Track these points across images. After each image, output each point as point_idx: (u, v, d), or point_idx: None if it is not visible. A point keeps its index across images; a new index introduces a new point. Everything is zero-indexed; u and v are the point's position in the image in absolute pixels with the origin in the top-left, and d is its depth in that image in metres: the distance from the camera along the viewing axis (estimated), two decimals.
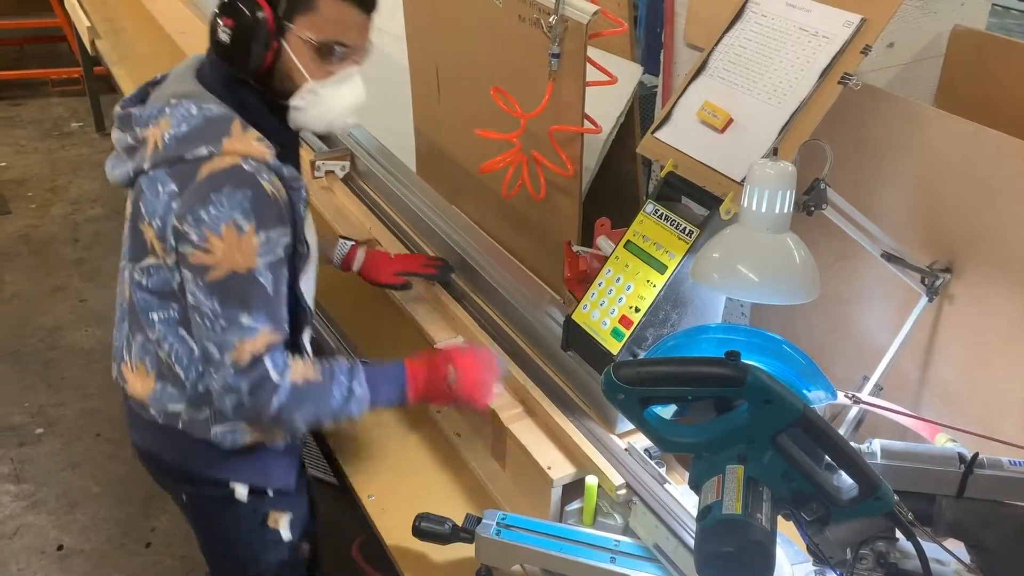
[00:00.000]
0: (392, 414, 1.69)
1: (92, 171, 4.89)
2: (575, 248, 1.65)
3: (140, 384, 1.44)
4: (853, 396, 1.33)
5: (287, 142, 1.41)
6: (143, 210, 1.33)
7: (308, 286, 1.47)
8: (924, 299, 1.46)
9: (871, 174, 1.53)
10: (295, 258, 1.37)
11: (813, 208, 1.25)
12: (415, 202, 2.08)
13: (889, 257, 1.39)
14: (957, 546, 1.11)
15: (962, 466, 1.10)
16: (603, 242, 1.63)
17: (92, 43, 3.85)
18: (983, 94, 1.73)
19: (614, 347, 1.39)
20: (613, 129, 2.05)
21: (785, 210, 1.17)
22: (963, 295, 1.45)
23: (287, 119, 1.38)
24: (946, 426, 1.26)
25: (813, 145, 1.28)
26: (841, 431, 1.51)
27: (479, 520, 1.35)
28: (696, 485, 1.08)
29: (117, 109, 1.41)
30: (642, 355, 1.40)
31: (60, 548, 2.62)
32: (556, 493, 1.39)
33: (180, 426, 1.43)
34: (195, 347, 1.36)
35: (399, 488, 1.57)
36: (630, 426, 1.43)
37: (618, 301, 1.42)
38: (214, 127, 1.29)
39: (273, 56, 1.30)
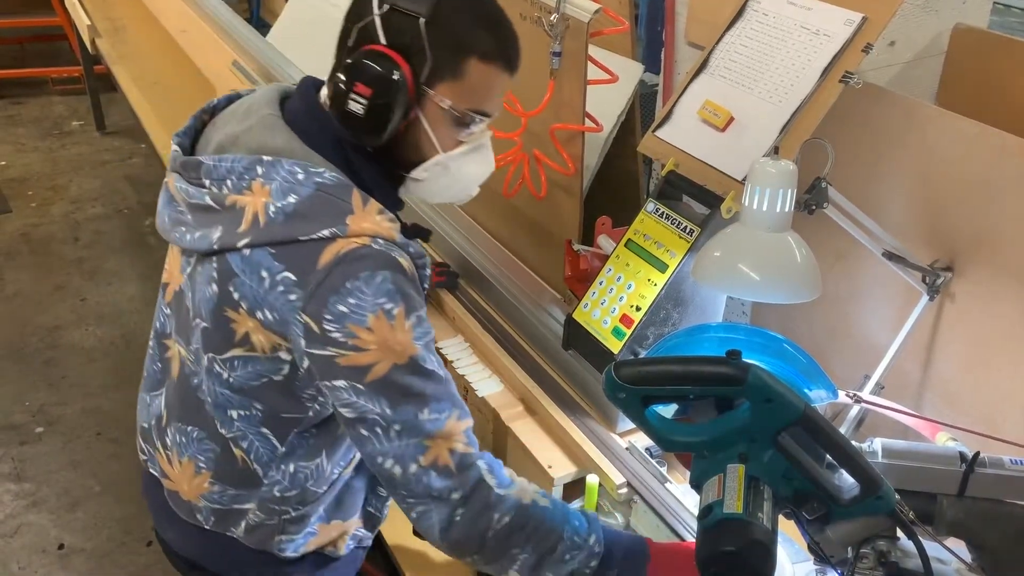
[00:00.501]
0: None
1: (93, 170, 4.89)
2: (576, 247, 1.65)
3: (188, 483, 1.24)
4: (855, 395, 1.32)
5: (395, 210, 1.17)
6: (235, 296, 1.09)
7: None
8: (925, 298, 1.46)
9: (872, 172, 1.53)
10: None
11: (814, 207, 1.25)
12: (414, 200, 2.08)
13: (890, 256, 1.39)
14: (958, 545, 1.11)
15: (963, 465, 1.10)
16: (604, 241, 1.63)
17: (92, 42, 3.85)
18: (984, 93, 1.73)
19: (615, 346, 1.39)
20: (614, 127, 2.05)
21: (786, 209, 1.17)
22: (964, 294, 1.45)
23: (399, 188, 1.19)
24: (947, 425, 1.25)
25: (814, 144, 1.28)
26: (842, 430, 1.51)
27: None
28: (697, 484, 1.07)
29: (175, 148, 1.16)
30: (643, 354, 1.40)
31: (61, 547, 2.62)
32: (557, 492, 1.39)
33: (234, 533, 1.24)
34: (279, 445, 1.18)
35: None
36: (631, 425, 1.43)
37: (619, 300, 1.42)
38: (332, 202, 1.06)
39: (405, 125, 1.10)
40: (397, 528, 1.46)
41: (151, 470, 1.32)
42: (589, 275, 1.65)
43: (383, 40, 1.06)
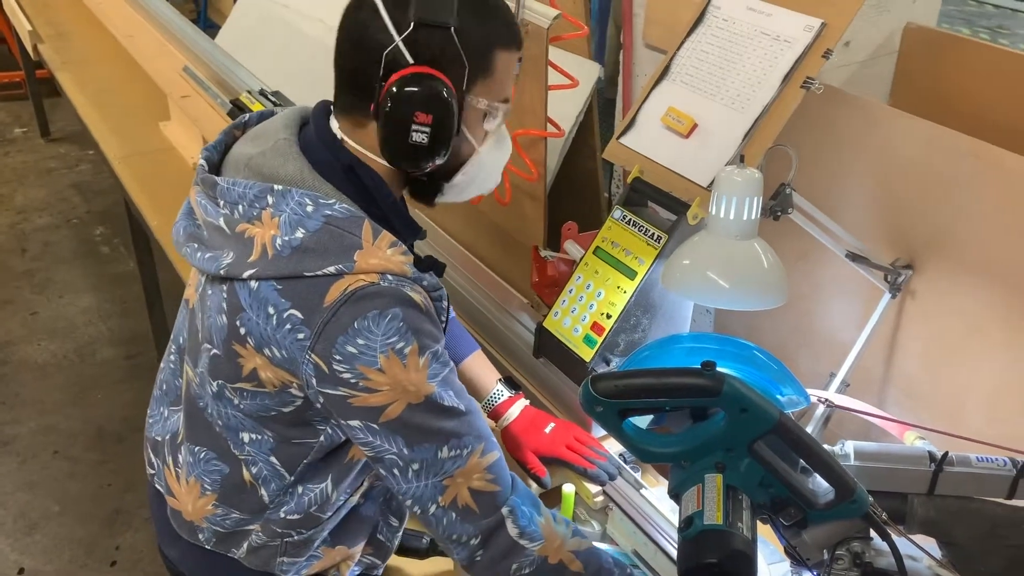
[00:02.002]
0: None
1: (38, 178, 4.76)
2: (543, 253, 1.65)
3: (192, 503, 1.21)
4: (827, 401, 1.34)
5: (413, 236, 1.16)
6: (242, 331, 1.06)
7: None
8: (887, 296, 1.49)
9: (833, 174, 1.55)
10: None
11: (780, 213, 1.26)
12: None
13: (854, 257, 1.41)
14: (929, 542, 1.13)
15: (932, 465, 1.13)
16: (570, 246, 1.63)
17: (35, 47, 3.74)
18: (936, 91, 1.77)
19: (587, 354, 1.40)
20: (573, 128, 2.05)
21: (753, 216, 1.18)
22: (925, 291, 1.48)
23: (436, 197, 1.16)
24: (916, 426, 1.28)
25: (778, 150, 1.30)
26: (809, 429, 1.53)
27: None
28: (676, 494, 1.08)
29: (201, 162, 1.13)
30: (615, 361, 1.40)
31: (21, 572, 2.55)
32: None
33: (235, 554, 1.22)
34: (287, 474, 1.15)
35: None
36: (603, 432, 1.43)
37: (589, 308, 1.42)
38: (340, 236, 1.02)
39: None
40: None
41: (157, 484, 1.29)
42: (556, 281, 1.66)
43: (412, 61, 1.02)
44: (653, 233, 1.38)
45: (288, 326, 1.02)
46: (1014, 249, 1.33)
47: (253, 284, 1.04)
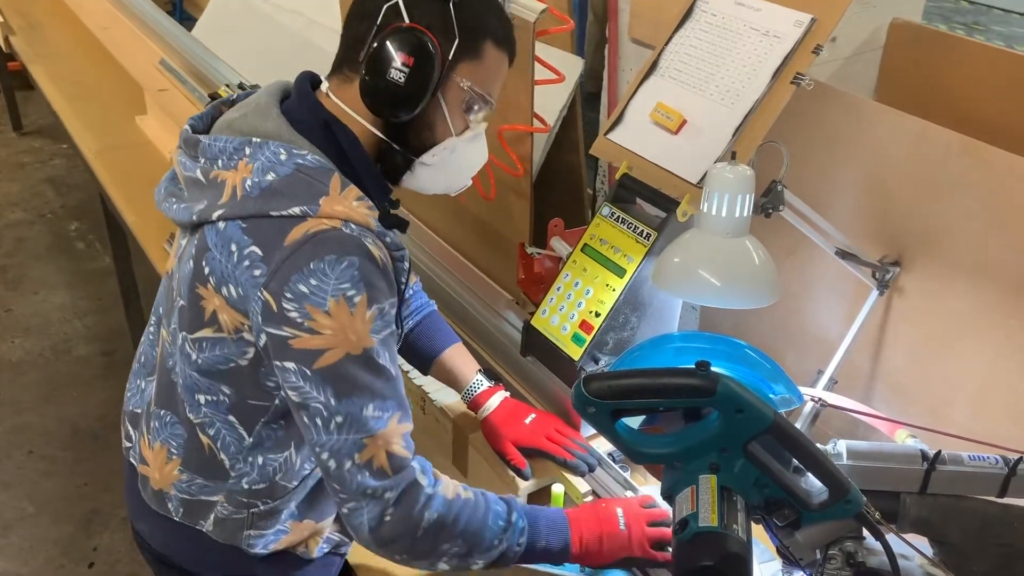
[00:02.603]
0: None
1: (10, 173, 4.68)
2: (529, 249, 1.63)
3: (160, 469, 1.23)
4: (819, 400, 1.34)
5: (384, 202, 1.18)
6: (206, 271, 1.09)
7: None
8: (875, 293, 1.48)
9: (820, 171, 1.54)
10: None
11: (771, 210, 1.25)
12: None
13: (843, 254, 1.40)
14: (921, 541, 1.13)
15: (925, 463, 1.13)
16: (557, 243, 1.61)
17: (6, 39, 3.67)
18: (921, 87, 1.77)
19: (575, 353, 1.38)
20: (556, 122, 2.03)
21: (745, 214, 1.17)
22: (912, 288, 1.48)
23: (404, 176, 1.19)
24: (909, 424, 1.28)
25: (768, 146, 1.29)
26: (797, 425, 1.53)
27: None
28: (670, 496, 1.07)
29: (185, 127, 1.18)
30: (604, 359, 1.39)
31: None
32: (521, 502, 1.37)
33: (202, 527, 1.23)
34: (245, 435, 1.17)
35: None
36: (592, 431, 1.42)
37: (577, 306, 1.40)
38: (308, 182, 1.06)
39: (428, 103, 1.12)
40: (357, 546, 1.43)
41: (131, 458, 1.30)
42: (543, 278, 1.64)
43: (407, 20, 1.08)
44: (642, 230, 1.37)
45: (247, 263, 1.05)
46: (1002, 246, 1.33)
47: (221, 225, 1.08)
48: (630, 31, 1.99)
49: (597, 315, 1.37)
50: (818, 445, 1.18)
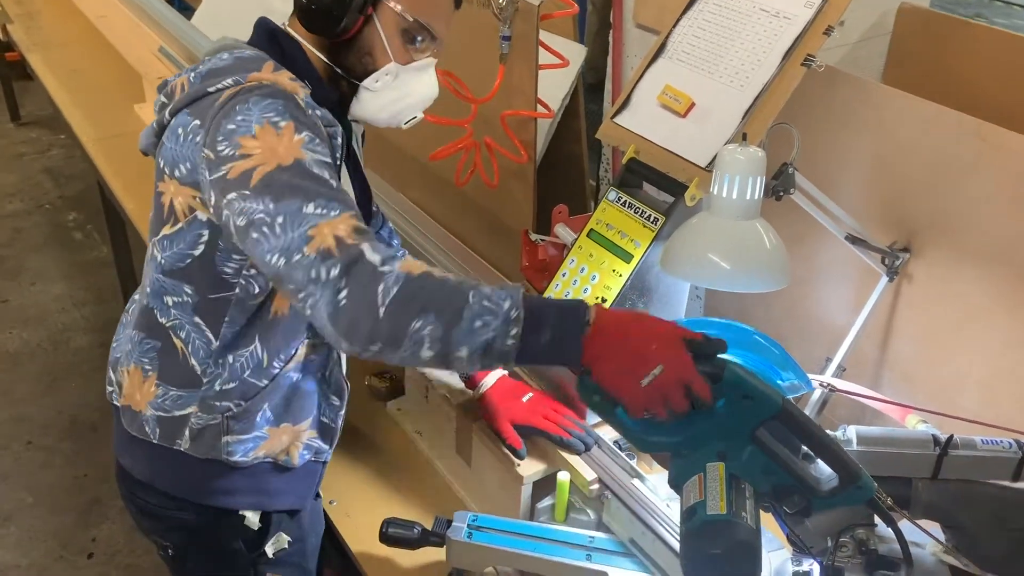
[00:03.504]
0: (349, 410, 1.58)
1: (8, 163, 4.65)
2: (533, 236, 1.61)
3: (136, 390, 1.26)
4: (828, 385, 1.32)
5: (325, 103, 1.21)
6: (161, 164, 1.18)
7: None
8: (884, 279, 1.46)
9: (829, 155, 1.52)
10: None
11: (782, 193, 1.23)
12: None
13: (853, 239, 1.39)
14: (933, 527, 1.11)
15: (937, 448, 1.11)
16: (561, 230, 1.59)
17: (3, 28, 3.64)
18: (930, 72, 1.75)
19: None
20: (559, 111, 2.01)
21: (756, 196, 1.15)
22: (922, 274, 1.46)
23: (346, 107, 1.25)
24: (919, 409, 1.26)
25: (778, 128, 1.27)
26: (806, 413, 1.51)
27: (449, 523, 1.30)
28: (677, 484, 1.06)
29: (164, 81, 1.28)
30: None
31: None
32: (526, 491, 1.36)
33: (180, 446, 1.25)
34: (213, 338, 1.21)
35: (361, 491, 1.52)
36: (597, 418, 1.40)
37: (583, 291, 1.39)
38: (243, 64, 1.16)
39: (361, 25, 1.18)
40: (362, 533, 1.42)
41: (115, 401, 1.33)
42: (547, 265, 1.62)
43: None
44: (649, 215, 1.35)
45: (191, 136, 1.13)
46: (1015, 232, 1.31)
47: (172, 121, 1.17)
48: (635, 16, 1.97)
49: (603, 301, 1.35)
50: (827, 432, 1.16)
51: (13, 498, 2.70)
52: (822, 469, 1.08)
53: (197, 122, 1.13)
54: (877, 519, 1.09)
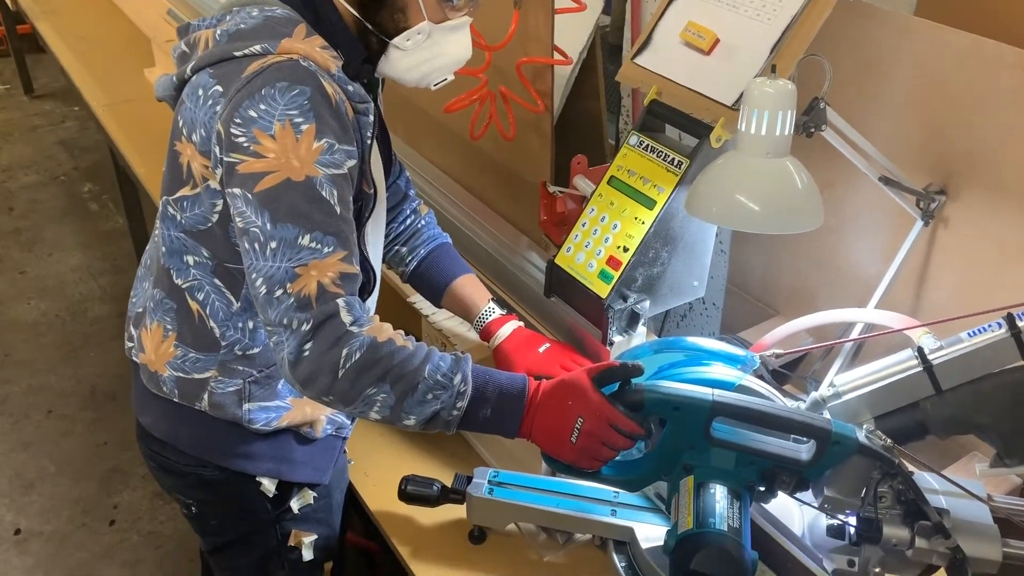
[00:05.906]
0: None
1: (23, 136, 4.64)
2: (551, 188, 1.56)
3: (155, 349, 1.24)
4: (773, 353, 1.25)
5: (357, 58, 1.16)
6: (180, 123, 1.13)
7: (375, 242, 1.25)
8: (919, 223, 1.41)
9: (858, 93, 1.45)
10: (360, 200, 1.14)
11: (813, 129, 1.17)
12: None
13: (886, 180, 1.32)
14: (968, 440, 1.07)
15: (919, 361, 1.06)
16: (581, 181, 1.54)
17: None
18: (964, 4, 1.66)
19: (603, 290, 1.31)
20: (576, 63, 1.94)
21: (786, 132, 1.09)
22: (959, 218, 1.40)
23: (376, 64, 1.18)
24: (924, 324, 1.19)
25: (807, 62, 1.20)
26: (838, 364, 1.46)
27: (469, 479, 1.27)
28: (668, 508, 1.12)
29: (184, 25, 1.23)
30: (632, 297, 1.32)
31: (17, 532, 2.50)
32: None
33: (200, 406, 1.23)
34: (233, 299, 1.18)
35: (379, 450, 1.49)
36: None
37: (604, 241, 1.33)
38: (274, 27, 1.09)
39: None
40: (381, 492, 1.39)
41: (133, 357, 1.30)
42: (566, 218, 1.57)
43: None
44: (673, 158, 1.29)
45: (211, 102, 1.08)
46: None
47: (194, 78, 1.12)
48: None
49: (625, 250, 1.30)
50: (801, 395, 1.15)
51: (35, 466, 2.71)
52: (799, 440, 1.06)
53: (219, 88, 1.08)
54: (912, 467, 1.05)
